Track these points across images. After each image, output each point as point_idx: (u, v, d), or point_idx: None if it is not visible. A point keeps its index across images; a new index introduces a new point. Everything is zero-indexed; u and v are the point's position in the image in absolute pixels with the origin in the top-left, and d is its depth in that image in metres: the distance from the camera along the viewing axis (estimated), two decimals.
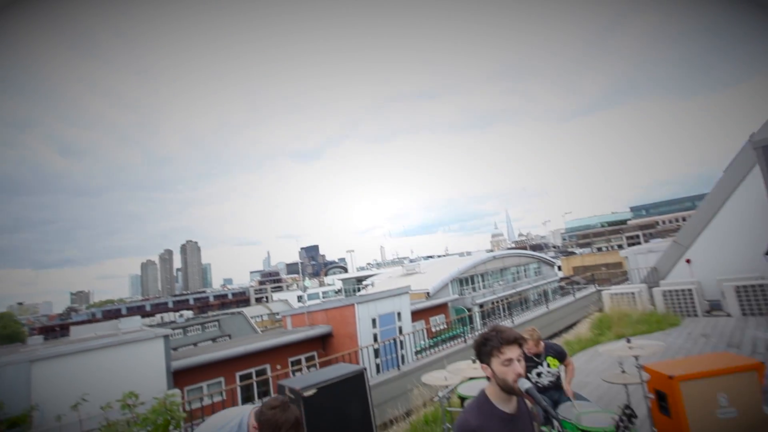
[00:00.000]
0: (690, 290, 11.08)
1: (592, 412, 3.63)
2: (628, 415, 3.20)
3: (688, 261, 12.48)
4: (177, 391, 5.13)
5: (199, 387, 13.33)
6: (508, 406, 1.77)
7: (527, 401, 1.84)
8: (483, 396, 1.79)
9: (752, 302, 10.01)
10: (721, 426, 3.50)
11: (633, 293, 12.11)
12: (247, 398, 13.10)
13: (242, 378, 14.38)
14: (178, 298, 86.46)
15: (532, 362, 3.81)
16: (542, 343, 3.89)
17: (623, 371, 3.72)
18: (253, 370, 14.96)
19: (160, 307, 76.67)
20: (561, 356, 3.86)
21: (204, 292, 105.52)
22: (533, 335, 3.83)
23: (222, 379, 14.02)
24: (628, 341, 3.64)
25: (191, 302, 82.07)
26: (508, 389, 1.72)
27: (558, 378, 3.86)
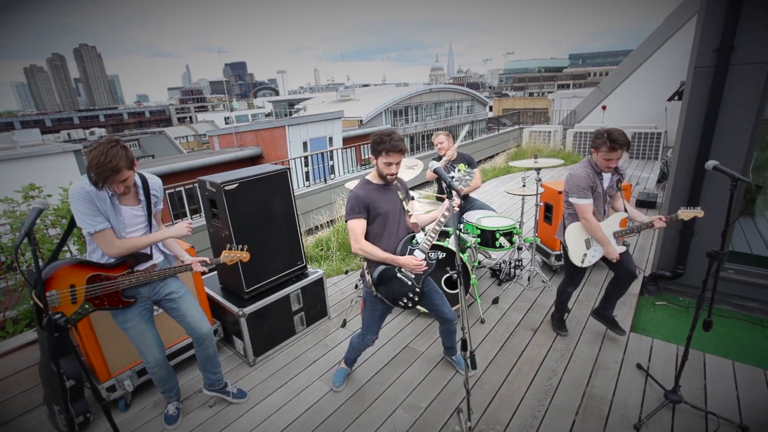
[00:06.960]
0: None
1: (492, 216, 4.24)
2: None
3: (603, 107, 13.36)
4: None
5: None
6: (381, 182, 2.51)
7: (398, 183, 2.56)
8: (364, 179, 2.55)
9: (639, 148, 11.38)
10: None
11: (549, 132, 13.09)
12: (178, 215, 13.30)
13: (170, 197, 14.22)
14: (84, 114, 77.05)
15: (446, 170, 4.10)
16: (456, 153, 4.11)
17: (524, 185, 4.26)
18: (182, 189, 14.83)
19: (64, 123, 68.28)
20: (471, 164, 4.19)
21: (116, 108, 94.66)
22: (448, 137, 4.10)
23: None
24: (535, 157, 4.06)
25: (102, 119, 73.95)
26: (382, 177, 2.45)
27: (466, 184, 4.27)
